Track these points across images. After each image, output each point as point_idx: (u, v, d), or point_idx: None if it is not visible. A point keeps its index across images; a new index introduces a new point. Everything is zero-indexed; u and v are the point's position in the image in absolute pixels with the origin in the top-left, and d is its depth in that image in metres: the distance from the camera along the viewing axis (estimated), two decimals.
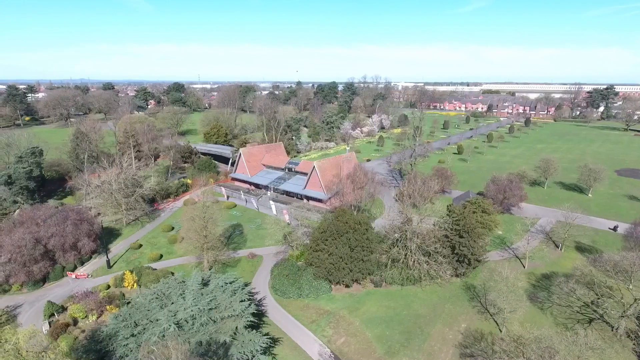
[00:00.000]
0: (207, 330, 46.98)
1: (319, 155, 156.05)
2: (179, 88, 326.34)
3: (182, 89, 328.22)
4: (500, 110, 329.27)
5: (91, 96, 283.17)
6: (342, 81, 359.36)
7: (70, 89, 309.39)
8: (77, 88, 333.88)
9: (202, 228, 67.60)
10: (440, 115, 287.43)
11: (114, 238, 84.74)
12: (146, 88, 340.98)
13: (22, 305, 62.43)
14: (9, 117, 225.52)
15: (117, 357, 45.27)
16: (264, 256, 75.39)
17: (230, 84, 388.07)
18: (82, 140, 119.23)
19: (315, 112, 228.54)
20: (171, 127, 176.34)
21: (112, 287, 65.93)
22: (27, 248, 65.97)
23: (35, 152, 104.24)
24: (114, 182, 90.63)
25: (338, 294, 63.13)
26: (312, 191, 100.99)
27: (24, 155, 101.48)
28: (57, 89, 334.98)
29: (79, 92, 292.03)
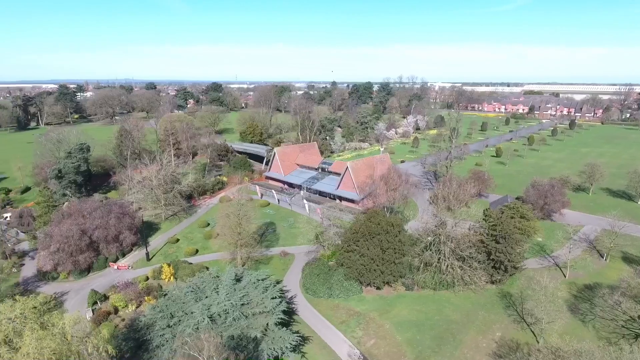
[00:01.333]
0: (239, 325, 48.06)
1: (353, 156, 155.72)
2: (217, 88, 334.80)
3: (220, 88, 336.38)
4: (543, 112, 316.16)
5: (135, 95, 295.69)
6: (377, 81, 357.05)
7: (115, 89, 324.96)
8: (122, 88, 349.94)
9: (236, 225, 69.14)
10: (478, 117, 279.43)
11: (153, 232, 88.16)
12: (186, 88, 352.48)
13: (68, 293, 66.22)
14: (60, 114, 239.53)
15: (153, 346, 47.15)
16: (295, 255, 76.15)
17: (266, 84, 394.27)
18: (126, 137, 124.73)
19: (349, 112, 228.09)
20: (209, 125, 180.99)
21: (150, 279, 68.63)
22: (74, 239, 69.77)
23: (83, 148, 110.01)
24: (154, 178, 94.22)
25: (369, 295, 62.86)
26: (344, 191, 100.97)
27: (73, 151, 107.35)
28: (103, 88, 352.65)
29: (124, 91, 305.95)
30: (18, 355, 33.01)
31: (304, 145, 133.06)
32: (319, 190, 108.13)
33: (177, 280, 66.20)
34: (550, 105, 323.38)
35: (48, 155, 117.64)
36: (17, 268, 74.42)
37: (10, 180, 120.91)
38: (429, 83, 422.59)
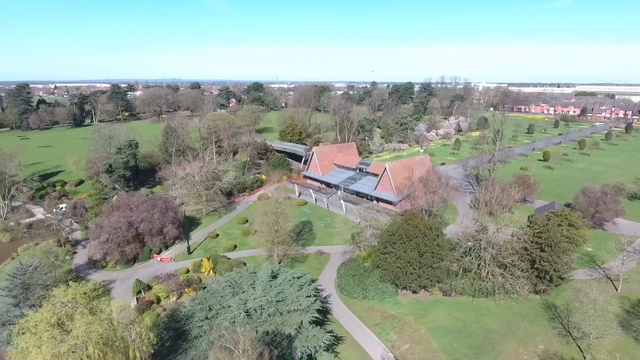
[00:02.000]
0: (274, 322, 48.78)
1: (391, 157, 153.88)
2: (258, 87, 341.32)
3: (261, 88, 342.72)
4: (596, 115, 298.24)
5: (180, 95, 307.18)
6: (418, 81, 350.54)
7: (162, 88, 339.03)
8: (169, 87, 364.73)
9: (273, 223, 70.20)
10: (525, 119, 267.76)
11: (195, 226, 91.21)
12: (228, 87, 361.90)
13: (115, 281, 69.87)
14: (112, 112, 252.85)
15: (192, 336, 48.79)
16: (331, 254, 76.29)
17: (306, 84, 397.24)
18: (171, 135, 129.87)
19: (389, 112, 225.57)
20: (249, 124, 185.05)
21: (191, 271, 71.07)
22: (121, 230, 73.53)
23: (132, 145, 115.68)
24: (197, 175, 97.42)
25: (404, 299, 61.92)
26: (382, 193, 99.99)
27: (123, 147, 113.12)
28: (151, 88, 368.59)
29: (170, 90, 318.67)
30: (69, 337, 35.18)
31: (342, 145, 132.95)
32: (356, 190, 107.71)
33: (216, 274, 68.15)
34: (605, 107, 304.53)
35: (100, 150, 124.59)
36: (71, 256, 79.39)
37: (66, 173, 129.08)
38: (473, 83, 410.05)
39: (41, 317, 36.56)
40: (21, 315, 48.70)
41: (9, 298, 55.44)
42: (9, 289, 55.77)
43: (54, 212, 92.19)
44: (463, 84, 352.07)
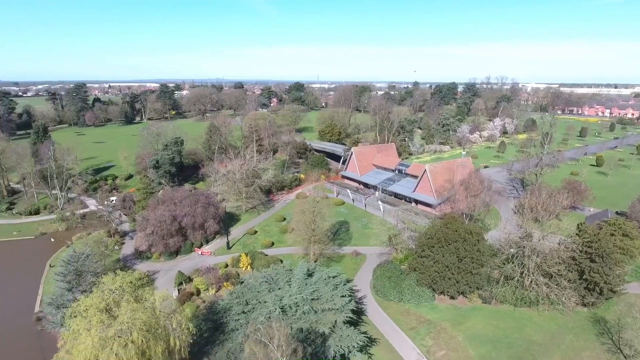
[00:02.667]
0: (308, 319, 49.19)
1: (432, 159, 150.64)
2: (299, 87, 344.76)
3: (302, 88, 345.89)
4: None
5: (224, 94, 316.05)
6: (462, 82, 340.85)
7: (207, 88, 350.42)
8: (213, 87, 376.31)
9: (311, 221, 70.76)
10: (577, 121, 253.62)
11: (234, 222, 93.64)
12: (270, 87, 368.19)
13: (158, 272, 73.07)
14: (160, 110, 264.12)
15: (229, 329, 50.16)
16: (367, 255, 75.88)
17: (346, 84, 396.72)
18: (214, 133, 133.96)
19: (431, 113, 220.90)
20: (290, 124, 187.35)
21: (229, 266, 73.06)
22: (166, 223, 76.76)
23: (178, 142, 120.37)
24: (238, 172, 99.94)
25: (441, 304, 60.53)
26: (421, 195, 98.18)
27: (169, 144, 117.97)
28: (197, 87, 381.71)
29: (215, 90, 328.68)
30: (115, 322, 37.25)
31: (381, 145, 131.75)
32: (395, 192, 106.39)
33: (253, 270, 69.62)
34: None
35: (148, 147, 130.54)
36: (119, 246, 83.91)
37: (117, 168, 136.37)
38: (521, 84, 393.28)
39: (91, 302, 38.93)
40: (73, 299, 52.02)
41: (63, 283, 59.42)
42: (64, 274, 59.75)
43: (105, 205, 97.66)
44: (510, 84, 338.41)
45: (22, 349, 55.30)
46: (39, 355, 52.60)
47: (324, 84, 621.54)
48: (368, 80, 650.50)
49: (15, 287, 72.12)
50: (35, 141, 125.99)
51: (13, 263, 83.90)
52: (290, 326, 45.88)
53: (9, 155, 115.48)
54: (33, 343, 56.30)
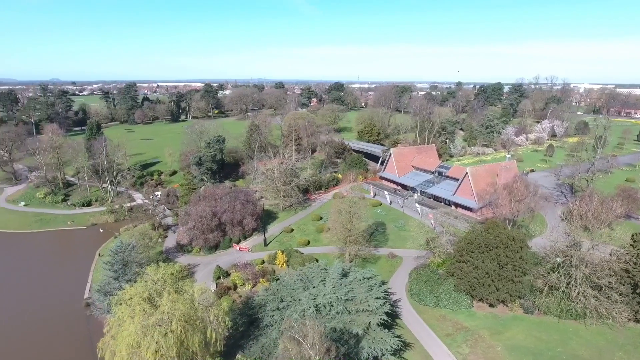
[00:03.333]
0: (342, 319, 49.16)
1: (474, 161, 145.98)
2: (339, 87, 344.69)
3: (342, 88, 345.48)
4: None
5: (265, 94, 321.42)
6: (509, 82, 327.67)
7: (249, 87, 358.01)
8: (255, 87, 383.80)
9: (347, 222, 70.67)
10: (635, 125, 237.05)
11: (271, 220, 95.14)
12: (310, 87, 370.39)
13: (198, 265, 75.56)
14: (204, 109, 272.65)
15: (263, 324, 51.07)
16: (403, 258, 74.75)
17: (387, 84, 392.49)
18: (255, 132, 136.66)
19: (474, 114, 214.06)
20: (329, 124, 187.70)
21: (266, 262, 74.33)
22: (206, 219, 79.23)
23: (220, 140, 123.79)
24: (276, 171, 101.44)
25: (480, 311, 58.61)
26: (461, 198, 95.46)
27: (211, 142, 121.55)
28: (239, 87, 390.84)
29: (256, 90, 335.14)
30: (157, 312, 38.90)
31: (421, 147, 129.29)
32: (434, 194, 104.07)
33: (289, 268, 70.49)
34: None
35: (192, 144, 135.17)
36: (162, 239, 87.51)
37: (162, 164, 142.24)
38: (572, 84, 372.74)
39: (135, 291, 40.90)
40: (119, 288, 54.92)
41: (110, 272, 62.80)
42: (111, 263, 63.13)
43: (150, 199, 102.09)
44: (561, 84, 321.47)
45: (72, 331, 58.96)
46: (87, 338, 55.88)
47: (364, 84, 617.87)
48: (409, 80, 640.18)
49: (68, 273, 76.95)
50: (89, 137, 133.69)
51: (67, 251, 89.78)
52: (324, 325, 46.02)
53: (66, 150, 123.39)
54: (82, 327, 59.92)
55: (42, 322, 61.19)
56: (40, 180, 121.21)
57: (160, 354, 37.32)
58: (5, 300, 68.06)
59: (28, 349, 55.02)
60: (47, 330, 59.22)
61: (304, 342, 38.49)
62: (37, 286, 72.18)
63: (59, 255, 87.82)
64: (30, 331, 58.83)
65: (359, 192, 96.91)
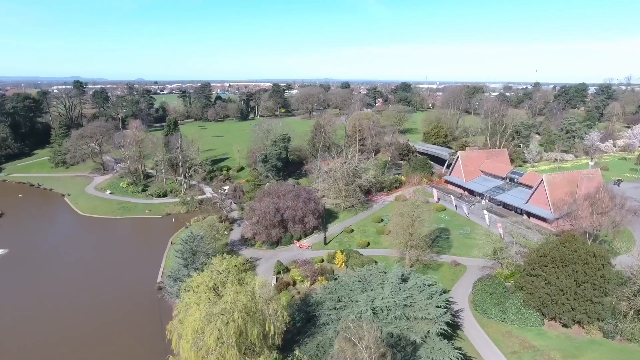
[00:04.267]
0: (399, 325, 48.13)
1: (550, 168, 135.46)
2: (405, 88, 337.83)
3: (409, 88, 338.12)
4: None
5: (331, 94, 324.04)
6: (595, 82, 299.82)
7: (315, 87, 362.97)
8: (321, 86, 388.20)
9: (409, 225, 69.05)
10: None
11: (332, 219, 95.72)
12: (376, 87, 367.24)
13: (260, 259, 78.14)
14: (271, 108, 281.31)
15: (320, 322, 51.47)
16: (467, 267, 71.46)
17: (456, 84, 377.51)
18: (319, 131, 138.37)
19: (553, 117, 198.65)
20: (394, 124, 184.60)
21: (325, 261, 74.94)
22: (270, 214, 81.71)
23: (285, 139, 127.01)
24: (339, 171, 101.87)
25: (551, 331, 54.33)
26: (535, 207, 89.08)
27: (277, 140, 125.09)
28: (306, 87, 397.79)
29: (322, 90, 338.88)
30: (220, 301, 40.81)
31: (492, 151, 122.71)
32: (504, 202, 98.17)
33: (348, 268, 70.39)
34: None
35: (259, 142, 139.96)
36: (228, 231, 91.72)
37: (231, 160, 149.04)
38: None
39: (202, 280, 43.23)
40: (188, 275, 58.38)
41: (180, 260, 67.07)
42: (181, 252, 67.40)
43: (219, 193, 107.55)
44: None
45: (145, 312, 63.84)
46: (157, 320, 60.15)
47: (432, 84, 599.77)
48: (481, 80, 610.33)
49: (144, 257, 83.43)
50: (167, 133, 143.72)
51: (144, 237, 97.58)
52: (380, 329, 45.33)
53: (147, 144, 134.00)
54: (154, 308, 64.64)
55: (119, 300, 66.94)
56: (124, 171, 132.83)
57: (221, 342, 39.10)
58: (90, 276, 75.63)
59: (106, 322, 60.49)
60: (123, 307, 64.70)
61: (359, 345, 38.21)
62: (118, 266, 79.24)
63: (137, 240, 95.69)
64: (109, 307, 64.62)
65: (422, 195, 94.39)
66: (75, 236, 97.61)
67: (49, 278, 75.00)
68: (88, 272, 77.77)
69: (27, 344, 55.71)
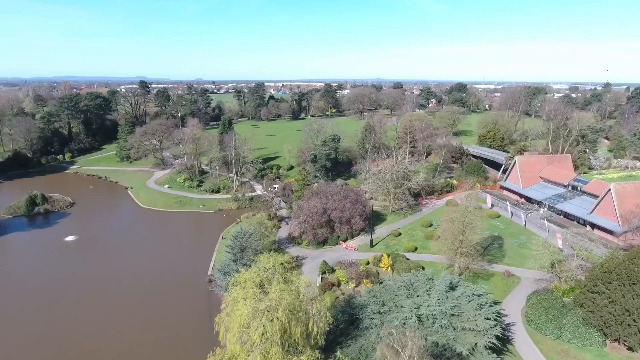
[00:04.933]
0: (445, 335, 46.76)
1: (620, 177, 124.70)
2: (460, 88, 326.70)
3: (464, 89, 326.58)
4: None
5: (382, 94, 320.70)
6: None
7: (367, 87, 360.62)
8: (373, 87, 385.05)
9: (459, 232, 66.79)
10: None
11: (379, 222, 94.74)
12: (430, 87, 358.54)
13: (306, 258, 79.06)
14: (322, 108, 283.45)
15: (363, 326, 51.20)
16: (521, 278, 67.86)
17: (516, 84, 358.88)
18: (369, 132, 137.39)
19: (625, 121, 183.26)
20: (447, 126, 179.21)
21: (370, 264, 74.35)
22: (317, 214, 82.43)
23: (335, 139, 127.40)
24: (388, 172, 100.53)
25: (614, 353, 50.31)
26: (600, 218, 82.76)
27: (327, 140, 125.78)
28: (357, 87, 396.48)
29: (374, 90, 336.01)
30: (266, 298, 41.83)
31: (553, 156, 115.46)
32: (565, 211, 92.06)
33: (394, 272, 69.41)
34: None
35: (309, 142, 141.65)
36: (276, 229, 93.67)
37: (281, 159, 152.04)
38: None
39: (249, 276, 44.51)
40: (236, 270, 60.41)
41: (230, 254, 69.55)
42: (231, 247, 69.85)
43: (269, 191, 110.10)
44: None
45: (195, 303, 66.84)
46: (206, 311, 62.76)
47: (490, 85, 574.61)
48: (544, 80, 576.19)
49: (197, 250, 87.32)
50: (222, 131, 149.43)
51: (197, 230, 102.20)
52: (424, 337, 44.43)
53: (203, 141, 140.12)
54: (204, 300, 67.52)
55: (172, 289, 70.55)
56: (181, 167, 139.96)
57: (266, 337, 40.06)
58: (148, 264, 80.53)
59: (159, 310, 64.00)
60: (175, 296, 68.15)
61: (402, 353, 37.60)
62: (172, 256, 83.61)
63: (191, 233, 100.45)
64: (162, 295, 68.36)
65: (475, 200, 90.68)
66: (136, 227, 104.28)
67: (111, 263, 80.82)
68: (146, 260, 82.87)
69: (91, 319, 60.31)
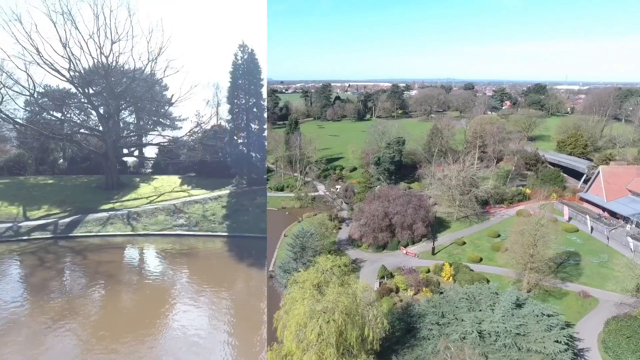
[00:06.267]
0: (509, 355, 44.34)
1: None
2: (539, 89, 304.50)
3: (543, 90, 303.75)
4: None
5: (452, 95, 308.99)
6: None
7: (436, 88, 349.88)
8: (442, 87, 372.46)
9: (530, 245, 62.78)
10: None
11: (442, 229, 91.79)
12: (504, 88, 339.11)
13: (364, 262, 78.91)
14: (388, 109, 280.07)
15: (420, 336, 50.04)
16: (600, 301, 62.14)
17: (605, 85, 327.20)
18: (436, 135, 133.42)
19: None
20: (522, 130, 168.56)
21: (431, 272, 72.39)
22: (378, 218, 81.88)
23: (400, 141, 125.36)
24: (454, 178, 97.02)
25: None
26: None
27: (391, 142, 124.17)
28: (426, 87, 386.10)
29: (443, 91, 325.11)
30: (323, 299, 42.59)
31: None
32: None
33: (455, 283, 67.07)
34: None
35: (373, 143, 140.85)
36: (336, 230, 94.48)
37: (345, 160, 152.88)
38: None
39: (308, 276, 45.57)
40: (296, 269, 62.02)
41: (291, 253, 71.52)
42: (292, 245, 71.81)
43: (331, 191, 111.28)
44: None
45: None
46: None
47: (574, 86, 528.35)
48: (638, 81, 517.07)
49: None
50: (288, 131, 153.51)
51: None
52: (485, 355, 42.58)
53: (270, 140, 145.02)
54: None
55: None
56: None
57: (321, 338, 40.79)
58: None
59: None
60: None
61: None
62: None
63: None
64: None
65: (549, 212, 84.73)
66: None
67: None
68: None
69: None
